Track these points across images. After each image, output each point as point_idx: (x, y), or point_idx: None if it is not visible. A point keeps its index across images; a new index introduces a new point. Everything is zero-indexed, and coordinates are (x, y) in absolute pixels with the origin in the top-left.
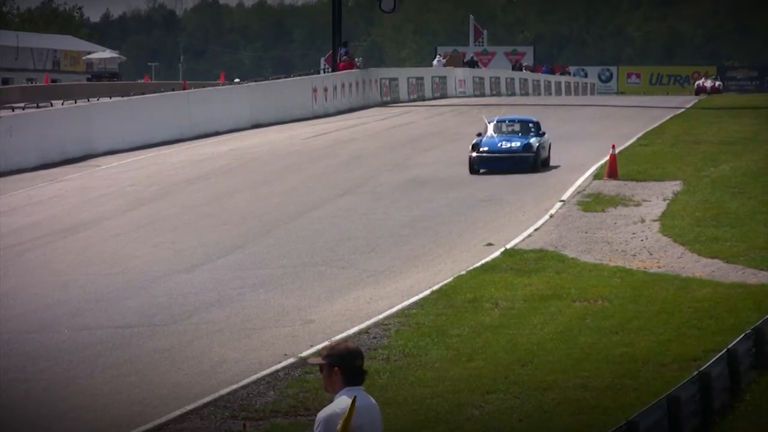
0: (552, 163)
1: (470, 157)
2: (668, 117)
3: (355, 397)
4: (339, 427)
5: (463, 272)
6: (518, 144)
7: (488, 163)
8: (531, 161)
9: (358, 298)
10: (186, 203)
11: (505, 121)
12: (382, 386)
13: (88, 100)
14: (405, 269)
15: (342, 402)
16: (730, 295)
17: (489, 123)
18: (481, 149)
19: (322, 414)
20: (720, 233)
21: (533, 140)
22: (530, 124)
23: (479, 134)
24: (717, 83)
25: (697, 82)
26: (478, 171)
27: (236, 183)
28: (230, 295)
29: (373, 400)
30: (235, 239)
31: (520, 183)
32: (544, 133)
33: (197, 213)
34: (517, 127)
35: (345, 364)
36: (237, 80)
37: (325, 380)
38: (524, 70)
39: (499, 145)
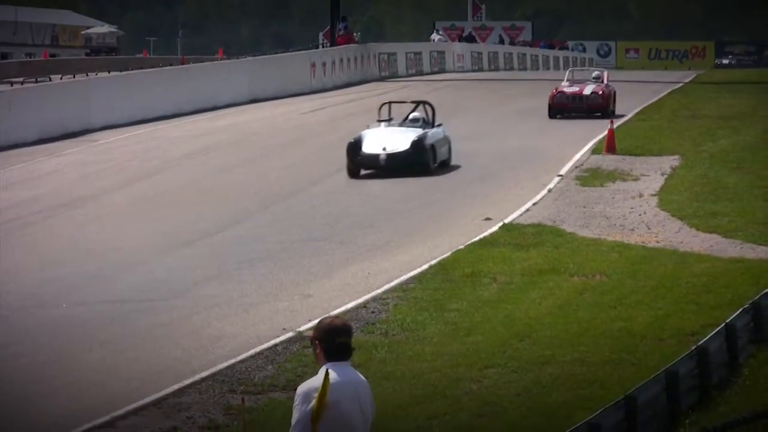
0: (551, 138)
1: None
2: (667, 92)
3: (327, 371)
4: (314, 402)
5: (462, 247)
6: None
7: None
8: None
9: (357, 273)
10: (184, 178)
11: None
12: (381, 360)
13: (87, 75)
14: (403, 244)
15: (321, 377)
16: (728, 270)
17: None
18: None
19: (301, 388)
20: (718, 208)
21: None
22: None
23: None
24: (602, 89)
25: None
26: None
27: (234, 158)
28: (228, 270)
29: (362, 377)
30: (233, 214)
31: (518, 158)
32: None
33: (195, 188)
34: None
35: (325, 339)
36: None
37: (315, 355)
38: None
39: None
